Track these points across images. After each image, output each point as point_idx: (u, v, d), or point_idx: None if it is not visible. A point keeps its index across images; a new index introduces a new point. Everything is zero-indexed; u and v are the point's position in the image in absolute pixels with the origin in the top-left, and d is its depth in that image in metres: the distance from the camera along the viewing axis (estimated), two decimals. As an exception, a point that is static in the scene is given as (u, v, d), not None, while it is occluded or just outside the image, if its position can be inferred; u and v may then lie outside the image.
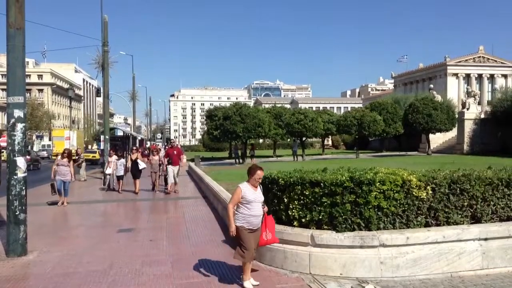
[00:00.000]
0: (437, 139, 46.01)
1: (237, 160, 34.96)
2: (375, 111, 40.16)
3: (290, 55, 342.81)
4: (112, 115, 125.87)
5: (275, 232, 6.03)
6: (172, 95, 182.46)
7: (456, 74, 60.99)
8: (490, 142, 39.29)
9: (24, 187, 7.57)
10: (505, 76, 62.49)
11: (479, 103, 49.85)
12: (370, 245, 6.03)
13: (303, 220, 6.46)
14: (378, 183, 6.16)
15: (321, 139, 53.68)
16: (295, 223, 6.56)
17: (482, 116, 41.17)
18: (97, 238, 9.02)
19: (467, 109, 41.44)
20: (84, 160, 23.40)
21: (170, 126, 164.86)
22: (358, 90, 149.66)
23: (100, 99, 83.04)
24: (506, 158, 29.70)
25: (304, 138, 39.10)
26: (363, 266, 6.02)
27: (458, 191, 6.60)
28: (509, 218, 6.82)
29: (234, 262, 6.78)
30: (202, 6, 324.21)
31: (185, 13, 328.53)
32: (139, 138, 48.43)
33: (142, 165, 16.72)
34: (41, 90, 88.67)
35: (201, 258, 7.18)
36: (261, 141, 65.55)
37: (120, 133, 32.95)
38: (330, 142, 67.76)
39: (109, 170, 17.46)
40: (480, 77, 62.19)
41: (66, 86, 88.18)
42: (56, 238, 9.09)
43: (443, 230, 6.26)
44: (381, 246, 6.03)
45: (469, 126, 40.73)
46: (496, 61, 62.55)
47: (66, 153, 13.91)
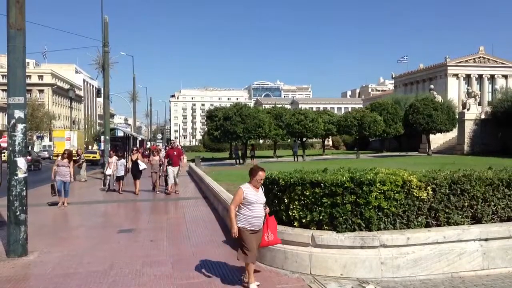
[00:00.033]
0: (437, 140, 46.03)
1: (237, 160, 34.99)
2: (376, 112, 40.21)
3: (290, 55, 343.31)
4: (112, 116, 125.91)
5: (277, 232, 6.03)
6: (172, 96, 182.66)
7: (456, 75, 61.00)
8: (490, 143, 39.31)
9: (24, 188, 7.57)
10: (505, 76, 62.48)
11: (480, 104, 49.85)
12: (371, 245, 6.03)
13: (304, 220, 6.46)
14: (379, 184, 6.16)
15: (321, 140, 53.72)
16: (296, 224, 6.56)
17: (483, 116, 41.18)
18: (97, 238, 9.02)
19: (468, 109, 41.46)
20: (84, 160, 23.43)
21: (170, 127, 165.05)
22: (358, 91, 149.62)
23: (100, 100, 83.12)
24: (507, 158, 29.71)
25: (304, 139, 39.14)
26: (364, 267, 6.02)
27: (459, 192, 6.60)
28: (509, 219, 6.82)
29: (234, 262, 6.79)
30: (202, 6, 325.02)
31: (185, 13, 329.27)
32: (140, 138, 48.43)
33: (142, 165, 16.71)
34: (41, 91, 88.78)
35: (201, 258, 7.18)
36: (261, 141, 65.60)
37: (120, 133, 32.90)
38: (331, 143, 67.80)
39: (109, 171, 17.46)
40: (480, 77, 62.19)
41: (66, 86, 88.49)
42: (56, 238, 9.10)
43: (444, 231, 6.26)
44: (381, 246, 6.03)
45: (469, 127, 40.74)
46: (496, 61, 62.55)
47: (66, 153, 13.91)
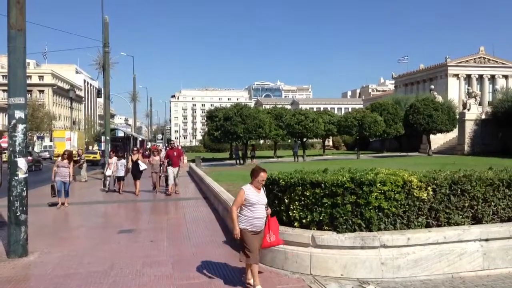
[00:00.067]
0: (438, 140, 46.01)
1: (238, 161, 34.99)
2: (376, 112, 40.22)
3: (291, 56, 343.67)
4: (113, 116, 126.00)
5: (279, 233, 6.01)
6: (172, 96, 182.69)
7: (456, 75, 60.97)
8: (491, 143, 39.29)
9: (25, 188, 7.58)
10: (506, 76, 62.44)
11: (480, 104, 49.89)
12: (371, 246, 6.03)
13: (304, 221, 6.46)
14: (379, 184, 6.16)
15: (321, 140, 53.73)
16: (296, 224, 6.56)
17: (483, 116, 41.16)
18: (97, 239, 9.02)
19: (468, 109, 41.43)
20: (85, 161, 23.44)
21: (170, 127, 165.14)
22: (358, 91, 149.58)
23: (101, 100, 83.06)
24: (507, 158, 29.69)
25: (304, 139, 39.12)
26: (364, 267, 6.02)
27: (459, 192, 6.60)
28: (510, 219, 6.81)
29: (235, 263, 6.79)
30: (202, 6, 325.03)
31: (185, 13, 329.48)
32: (140, 139, 48.41)
33: (142, 166, 16.71)
34: (42, 91, 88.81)
35: (202, 259, 7.18)
36: (261, 142, 65.62)
37: (120, 134, 32.91)
38: (331, 143, 67.80)
39: (109, 172, 17.43)
40: (481, 77, 62.16)
41: (67, 87, 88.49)
42: (56, 239, 9.10)
43: (444, 231, 6.26)
44: (382, 247, 6.03)
45: (470, 127, 40.72)
46: (497, 61, 62.52)
47: (67, 154, 13.90)
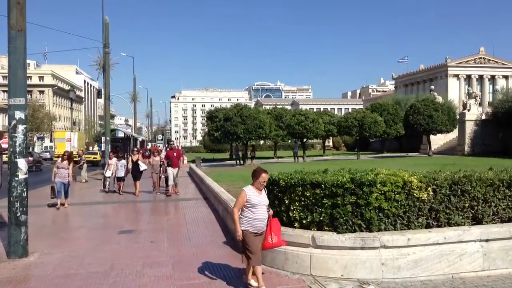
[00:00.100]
0: (438, 140, 46.00)
1: (238, 161, 35.00)
2: (376, 112, 40.21)
3: (291, 56, 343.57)
4: (113, 117, 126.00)
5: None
6: (173, 97, 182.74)
7: (457, 75, 60.95)
8: (491, 143, 39.28)
9: (25, 189, 7.58)
10: (506, 77, 62.41)
11: (480, 104, 49.87)
12: (371, 246, 6.03)
13: (304, 221, 6.46)
14: (379, 184, 6.16)
15: (322, 140, 53.69)
16: (296, 225, 6.56)
17: (483, 117, 41.15)
18: (98, 239, 9.03)
19: (468, 110, 41.42)
20: (85, 161, 23.43)
21: (171, 127, 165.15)
22: (358, 91, 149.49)
23: (101, 101, 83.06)
24: (507, 159, 29.68)
25: (305, 139, 39.13)
26: (364, 268, 6.02)
27: (459, 192, 6.59)
28: (510, 219, 6.81)
29: (235, 263, 6.80)
30: (202, 6, 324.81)
31: (185, 14, 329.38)
32: (140, 139, 48.42)
33: (143, 166, 16.71)
34: (42, 92, 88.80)
35: (202, 259, 7.18)
36: (261, 142, 65.62)
37: (121, 134, 32.91)
38: (331, 143, 67.78)
39: (108, 173, 17.42)
40: (481, 78, 62.14)
41: (67, 87, 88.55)
42: (57, 239, 9.10)
43: (444, 231, 6.26)
44: (382, 247, 6.03)
45: (470, 127, 40.71)
46: (497, 62, 62.49)
47: (66, 155, 13.90)
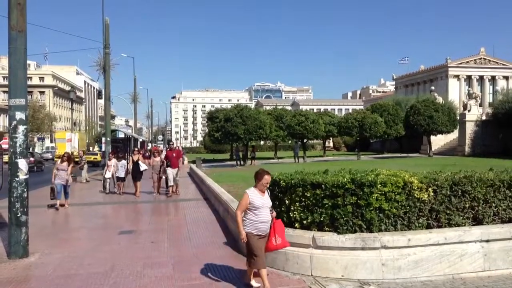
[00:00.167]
0: (438, 141, 45.98)
1: (238, 162, 35.02)
2: (376, 113, 40.21)
3: (291, 56, 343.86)
4: (113, 117, 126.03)
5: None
6: (173, 97, 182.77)
7: (457, 76, 60.92)
8: (491, 144, 39.25)
9: (25, 189, 7.58)
10: (506, 77, 62.36)
11: (481, 105, 49.82)
12: (372, 247, 6.02)
13: (305, 222, 6.46)
14: (380, 185, 6.16)
15: (322, 141, 53.69)
16: (297, 225, 6.56)
17: (484, 118, 41.11)
18: (98, 240, 9.02)
19: (469, 111, 41.40)
20: (86, 162, 23.45)
21: (171, 128, 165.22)
22: (359, 92, 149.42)
23: (101, 101, 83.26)
24: (508, 159, 29.66)
25: (305, 140, 39.12)
26: (365, 268, 6.01)
27: (460, 193, 6.59)
28: (511, 220, 6.81)
29: (235, 264, 6.81)
30: (202, 6, 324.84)
31: (185, 14, 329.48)
32: (141, 140, 48.49)
33: (143, 166, 16.70)
34: (42, 92, 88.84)
35: (202, 260, 7.17)
36: (262, 143, 65.65)
37: (121, 135, 32.96)
38: (331, 144, 67.78)
39: (108, 174, 17.41)
40: (481, 78, 62.10)
41: (67, 88, 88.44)
42: (57, 240, 9.10)
43: (445, 232, 6.26)
44: (382, 248, 6.03)
45: (470, 128, 40.68)
46: (497, 62, 62.44)
47: (66, 157, 13.89)
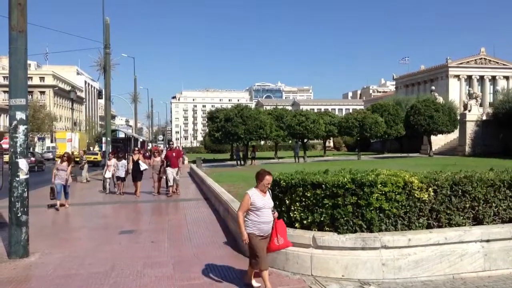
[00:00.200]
0: (438, 141, 45.98)
1: (238, 162, 35.03)
2: (377, 113, 40.21)
3: (291, 56, 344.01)
4: (113, 117, 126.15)
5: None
6: (173, 97, 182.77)
7: (457, 76, 60.89)
8: (492, 144, 39.24)
9: (26, 189, 7.58)
10: (506, 77, 62.33)
11: (481, 105, 49.82)
12: (372, 246, 6.02)
13: (305, 221, 6.46)
14: (380, 185, 6.16)
15: (322, 141, 53.71)
16: (297, 225, 6.56)
17: (484, 118, 41.10)
18: (98, 240, 9.03)
19: (469, 110, 41.38)
20: (86, 162, 23.47)
21: (171, 128, 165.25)
22: (359, 92, 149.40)
23: (101, 101, 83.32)
24: (508, 159, 29.64)
25: (305, 140, 39.11)
26: (365, 268, 6.01)
27: (460, 193, 6.59)
28: (511, 220, 6.81)
29: (235, 263, 6.81)
30: (202, 6, 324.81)
31: (185, 14, 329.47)
32: (141, 140, 48.49)
33: (143, 166, 16.70)
34: (43, 92, 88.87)
35: (202, 260, 7.18)
36: (262, 142, 65.63)
37: (121, 135, 33.00)
38: (332, 144, 67.78)
39: (108, 174, 17.41)
40: (481, 78, 62.07)
41: (68, 88, 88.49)
42: (57, 240, 9.10)
43: (445, 232, 6.26)
44: (383, 247, 6.03)
45: (470, 128, 40.66)
46: (497, 62, 62.41)
47: (66, 157, 13.89)
